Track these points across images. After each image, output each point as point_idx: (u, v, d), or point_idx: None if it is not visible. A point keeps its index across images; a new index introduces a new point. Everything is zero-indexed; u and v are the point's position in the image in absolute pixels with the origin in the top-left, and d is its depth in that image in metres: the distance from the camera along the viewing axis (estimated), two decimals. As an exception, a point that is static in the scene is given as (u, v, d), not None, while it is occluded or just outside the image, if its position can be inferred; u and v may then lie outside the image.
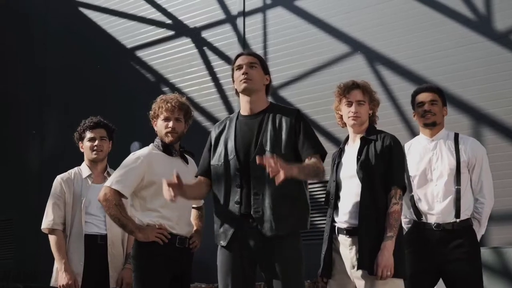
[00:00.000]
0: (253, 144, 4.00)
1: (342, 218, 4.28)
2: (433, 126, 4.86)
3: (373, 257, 4.06)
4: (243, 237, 4.00)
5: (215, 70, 8.71)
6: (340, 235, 4.28)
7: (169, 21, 9.28)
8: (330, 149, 6.97)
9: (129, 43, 9.61)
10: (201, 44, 8.93)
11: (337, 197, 4.36)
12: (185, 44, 9.07)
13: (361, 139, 4.34)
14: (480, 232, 4.81)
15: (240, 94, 4.17)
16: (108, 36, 9.83)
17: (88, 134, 5.31)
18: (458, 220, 4.66)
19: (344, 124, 4.49)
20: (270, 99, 4.31)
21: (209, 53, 8.85)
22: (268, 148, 3.99)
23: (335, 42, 7.86)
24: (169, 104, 4.65)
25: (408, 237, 4.60)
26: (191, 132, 4.99)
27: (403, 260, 4.18)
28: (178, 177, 3.81)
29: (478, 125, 6.83)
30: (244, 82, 4.05)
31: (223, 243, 4.06)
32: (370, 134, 4.35)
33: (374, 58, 7.56)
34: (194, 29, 9.00)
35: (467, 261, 4.62)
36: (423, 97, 4.89)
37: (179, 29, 9.17)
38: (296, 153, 4.03)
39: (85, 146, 5.34)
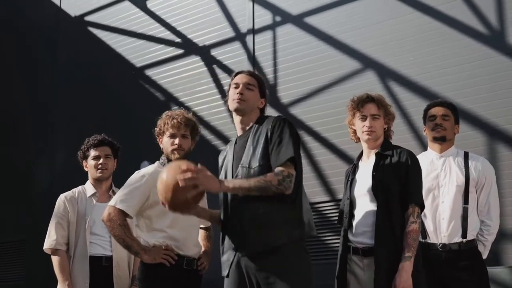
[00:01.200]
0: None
1: (357, 238, 4.03)
2: (442, 141, 4.66)
3: (390, 279, 3.81)
4: (242, 264, 3.67)
5: (224, 88, 8.46)
6: (355, 255, 4.03)
7: (178, 40, 9.10)
8: (341, 167, 6.84)
9: (138, 62, 9.41)
10: (210, 62, 8.74)
11: (351, 216, 4.12)
12: (194, 62, 8.87)
13: (376, 154, 4.11)
14: (483, 254, 4.61)
15: (233, 113, 3.95)
16: (117, 55, 9.66)
17: (93, 152, 5.09)
18: (464, 240, 4.48)
19: (358, 139, 4.26)
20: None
21: (218, 71, 8.65)
22: (243, 163, 3.73)
23: (346, 59, 7.63)
24: (174, 120, 4.42)
25: None
26: (200, 151, 4.74)
27: (422, 282, 3.92)
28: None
29: (492, 142, 6.58)
30: (237, 102, 3.83)
31: (224, 273, 3.77)
32: (385, 149, 4.11)
33: (385, 74, 7.34)
34: (203, 47, 8.81)
35: (476, 284, 4.41)
36: (436, 111, 4.72)
37: (188, 47, 8.98)
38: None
39: (89, 164, 5.11)
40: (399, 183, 3.96)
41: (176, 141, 4.41)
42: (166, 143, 4.46)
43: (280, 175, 3.52)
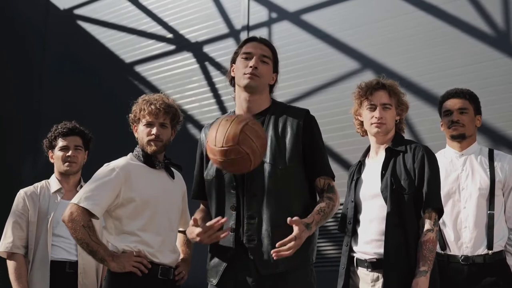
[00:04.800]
0: None
1: (363, 248, 3.26)
2: (461, 139, 3.85)
3: (402, 297, 3.03)
4: (239, 271, 2.96)
5: (216, 86, 7.80)
6: (360, 268, 3.28)
7: (169, 35, 8.41)
8: (338, 170, 5.96)
9: (128, 57, 8.71)
10: (202, 59, 8.06)
11: (356, 222, 3.37)
12: (186, 59, 8.17)
13: (386, 150, 3.36)
14: None
15: (238, 87, 3.16)
16: (107, 51, 8.95)
17: (61, 142, 4.27)
18: (490, 252, 3.67)
19: (365, 132, 3.51)
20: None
21: (210, 69, 7.98)
22: (267, 159, 3.00)
23: (344, 58, 6.96)
24: (152, 107, 3.61)
25: None
26: (191, 151, 3.91)
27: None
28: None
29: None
30: (250, 78, 3.07)
31: (213, 281, 3.05)
32: (397, 144, 3.36)
33: (384, 75, 6.60)
34: (195, 44, 8.13)
35: None
36: (451, 104, 3.94)
37: (180, 43, 8.31)
38: (304, 164, 3.07)
39: (56, 156, 4.29)
40: (413, 184, 3.22)
41: (154, 130, 3.60)
42: (141, 132, 3.65)
43: (336, 196, 3.07)
